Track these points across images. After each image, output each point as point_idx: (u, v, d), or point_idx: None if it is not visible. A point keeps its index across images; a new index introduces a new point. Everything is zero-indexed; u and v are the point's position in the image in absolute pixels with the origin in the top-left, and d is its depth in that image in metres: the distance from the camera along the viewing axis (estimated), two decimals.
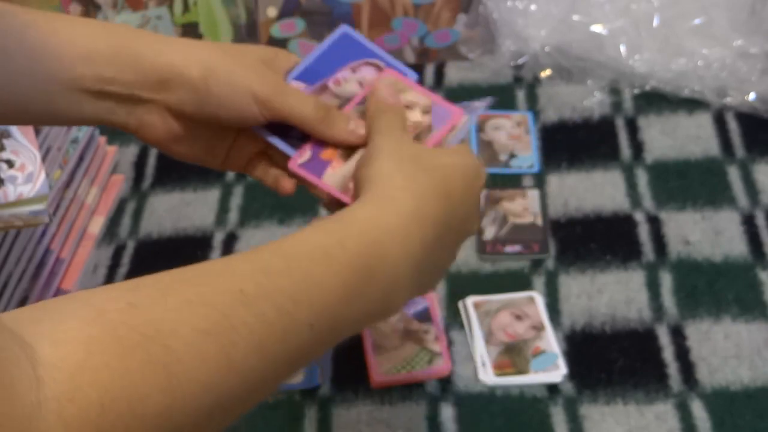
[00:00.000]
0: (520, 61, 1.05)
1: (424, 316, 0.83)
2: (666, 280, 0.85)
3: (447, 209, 0.56)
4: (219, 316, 0.44)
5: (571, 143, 0.98)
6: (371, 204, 0.54)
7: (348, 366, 0.81)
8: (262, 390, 0.47)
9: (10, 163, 0.79)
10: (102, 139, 0.98)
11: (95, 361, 0.39)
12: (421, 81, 1.07)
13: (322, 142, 0.62)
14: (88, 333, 0.40)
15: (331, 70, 0.66)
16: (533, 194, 0.93)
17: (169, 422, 0.41)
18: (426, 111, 0.64)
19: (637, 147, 0.97)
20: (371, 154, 0.58)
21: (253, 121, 0.62)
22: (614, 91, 1.03)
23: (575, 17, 1.04)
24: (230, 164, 0.67)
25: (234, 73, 0.60)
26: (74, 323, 0.40)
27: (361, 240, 0.52)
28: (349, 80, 0.66)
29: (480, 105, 0.65)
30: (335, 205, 0.60)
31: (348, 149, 0.62)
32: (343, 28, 0.68)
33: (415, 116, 0.63)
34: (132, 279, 0.45)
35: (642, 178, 0.94)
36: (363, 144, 0.61)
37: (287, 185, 0.65)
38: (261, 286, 0.46)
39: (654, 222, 0.90)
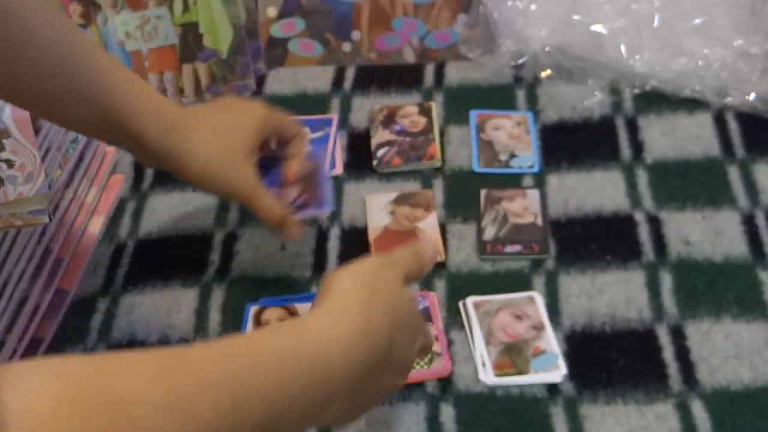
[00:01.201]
0: (520, 61, 1.05)
1: (424, 316, 0.82)
2: (666, 280, 0.85)
3: (387, 342, 0.58)
4: (180, 397, 0.46)
5: (571, 143, 0.98)
6: (325, 316, 0.58)
7: None
8: None
9: (9, 163, 0.79)
10: None
11: (58, 418, 0.41)
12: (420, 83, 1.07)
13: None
14: (56, 389, 0.42)
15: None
16: (533, 194, 0.93)
17: None
18: None
19: (638, 147, 0.97)
20: (347, 267, 0.62)
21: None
22: (614, 91, 1.03)
23: (575, 17, 1.04)
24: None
25: (224, 176, 0.79)
26: (43, 379, 0.42)
27: (311, 349, 0.54)
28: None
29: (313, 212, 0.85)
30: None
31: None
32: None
33: None
34: (103, 353, 0.47)
35: (642, 178, 0.94)
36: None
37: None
38: (222, 376, 0.49)
39: (654, 222, 0.90)
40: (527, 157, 0.97)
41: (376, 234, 0.91)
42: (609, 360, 0.79)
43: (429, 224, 0.91)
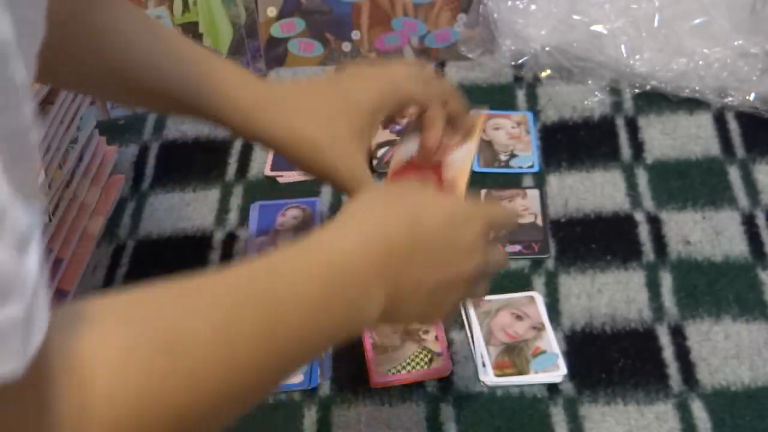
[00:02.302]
0: (520, 61, 1.05)
1: None
2: (666, 280, 0.85)
3: (417, 245, 0.58)
4: (225, 324, 0.47)
5: (571, 143, 0.98)
6: (340, 225, 0.58)
7: (348, 366, 0.80)
8: (257, 391, 0.51)
9: None
10: (102, 139, 0.98)
11: (131, 365, 0.42)
12: None
13: None
14: (122, 336, 0.43)
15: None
16: (533, 194, 0.93)
17: (187, 420, 0.45)
18: None
19: (638, 147, 0.97)
20: (366, 189, 0.64)
21: None
22: (614, 91, 1.03)
23: (575, 17, 1.04)
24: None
25: (329, 157, 0.73)
26: (108, 326, 0.43)
27: (330, 260, 0.55)
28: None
29: None
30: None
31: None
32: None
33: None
34: (142, 286, 0.48)
35: (642, 178, 0.94)
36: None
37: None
38: (251, 297, 0.50)
39: (654, 222, 0.90)
40: (527, 157, 0.97)
41: (397, 167, 0.78)
42: (609, 360, 0.79)
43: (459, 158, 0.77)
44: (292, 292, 0.52)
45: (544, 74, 1.05)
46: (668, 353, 0.79)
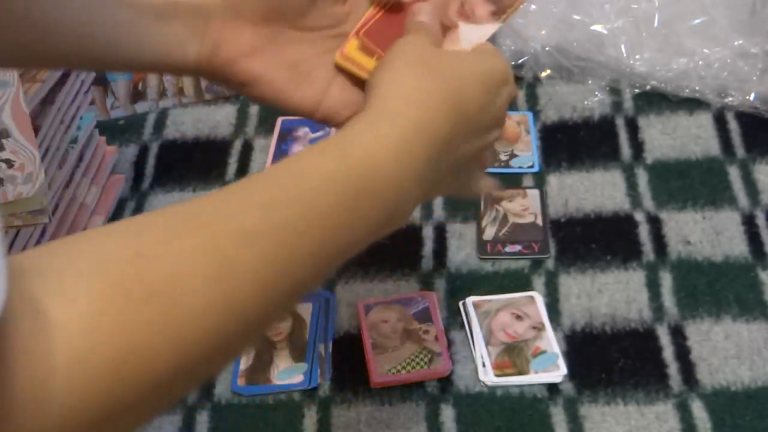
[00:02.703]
0: (520, 61, 1.05)
1: (424, 316, 0.82)
2: (666, 280, 0.85)
3: (459, 121, 0.54)
4: (222, 261, 0.42)
5: (571, 143, 0.98)
6: (373, 119, 0.52)
7: (348, 366, 0.80)
8: (262, 325, 0.47)
9: (9, 163, 0.79)
10: (102, 139, 0.97)
11: (106, 320, 0.38)
12: None
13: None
14: (98, 289, 0.38)
15: None
16: (533, 194, 0.93)
17: (177, 374, 0.41)
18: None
19: (638, 147, 0.97)
20: (387, 57, 0.56)
21: None
22: (614, 90, 1.03)
23: (575, 17, 1.04)
24: (328, 110, 0.62)
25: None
26: (83, 278, 0.38)
27: (361, 162, 0.50)
28: None
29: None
30: None
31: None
32: None
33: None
34: (133, 219, 0.45)
35: (642, 178, 0.94)
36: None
37: None
38: (262, 221, 0.45)
39: (654, 222, 0.90)
40: (527, 157, 0.97)
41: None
42: (609, 360, 0.79)
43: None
44: (315, 204, 0.47)
45: (544, 74, 1.05)
46: (668, 353, 0.79)
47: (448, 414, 0.77)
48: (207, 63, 0.60)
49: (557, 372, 0.78)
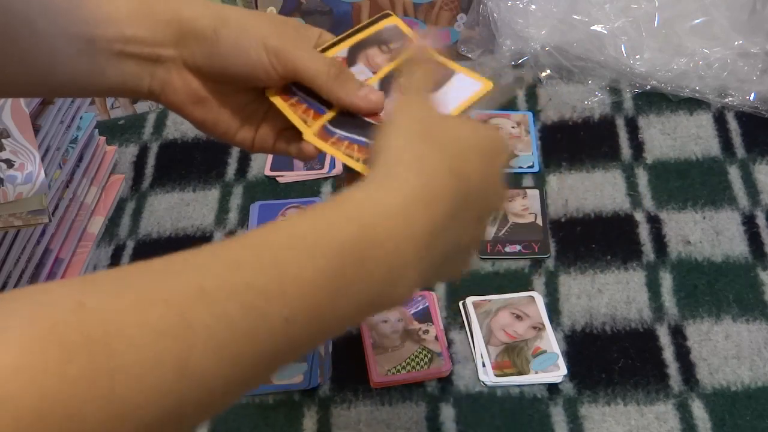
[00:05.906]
0: (520, 61, 1.05)
1: (424, 316, 0.82)
2: (666, 280, 0.85)
3: (461, 189, 0.52)
4: (175, 316, 0.40)
5: (571, 143, 0.98)
6: (372, 184, 0.50)
7: (348, 366, 0.80)
8: (228, 394, 0.43)
9: (9, 163, 0.79)
10: (102, 139, 0.98)
11: (33, 366, 0.36)
12: None
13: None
14: (29, 334, 0.37)
15: None
16: (533, 194, 0.93)
17: (112, 430, 0.38)
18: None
19: (638, 147, 0.97)
20: (387, 123, 0.55)
21: (264, 75, 0.60)
22: (614, 91, 1.03)
23: (575, 17, 1.04)
24: (260, 143, 0.65)
25: (246, 23, 0.60)
26: (16, 322, 0.37)
27: (350, 224, 0.47)
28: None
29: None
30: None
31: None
32: None
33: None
34: (91, 273, 0.44)
35: (642, 178, 0.94)
36: (375, 114, 0.60)
37: (308, 148, 0.63)
38: (225, 281, 0.42)
39: (654, 222, 0.90)
40: (527, 157, 0.97)
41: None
42: (609, 360, 0.79)
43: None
44: (292, 269, 0.44)
45: (544, 74, 1.05)
46: (668, 353, 0.79)
47: (448, 414, 0.77)
48: (159, 98, 0.63)
49: (557, 372, 0.78)
